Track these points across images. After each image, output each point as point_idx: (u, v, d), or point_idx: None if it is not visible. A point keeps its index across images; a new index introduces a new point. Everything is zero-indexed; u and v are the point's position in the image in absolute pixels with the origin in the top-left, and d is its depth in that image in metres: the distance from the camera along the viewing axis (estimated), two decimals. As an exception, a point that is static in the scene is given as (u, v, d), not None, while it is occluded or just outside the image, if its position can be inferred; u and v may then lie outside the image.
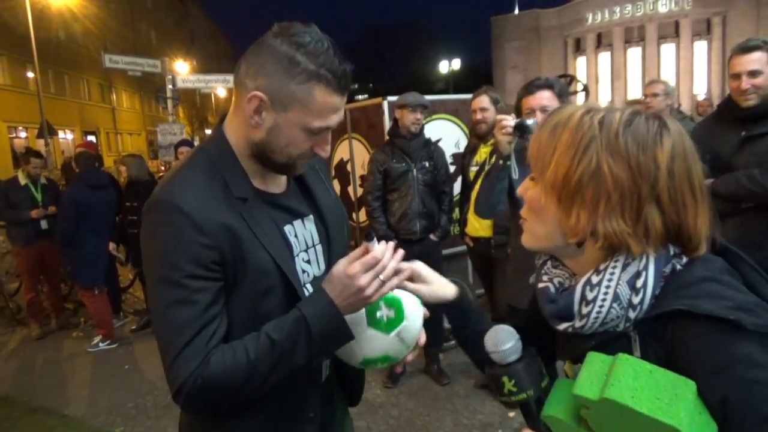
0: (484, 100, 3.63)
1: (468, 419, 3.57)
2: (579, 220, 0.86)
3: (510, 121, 2.42)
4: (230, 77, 13.53)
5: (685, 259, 0.88)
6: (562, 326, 0.92)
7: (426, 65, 60.83)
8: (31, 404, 4.18)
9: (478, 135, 3.72)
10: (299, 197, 1.31)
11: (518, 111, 2.52)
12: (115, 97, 39.49)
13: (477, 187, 3.70)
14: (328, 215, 1.33)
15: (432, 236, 3.91)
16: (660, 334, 0.84)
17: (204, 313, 1.07)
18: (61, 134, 28.51)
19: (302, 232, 1.28)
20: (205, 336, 1.06)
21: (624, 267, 0.86)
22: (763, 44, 2.65)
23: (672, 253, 0.88)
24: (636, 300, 0.85)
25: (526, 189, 0.97)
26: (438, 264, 4.03)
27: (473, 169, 3.76)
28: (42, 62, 22.00)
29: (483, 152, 3.71)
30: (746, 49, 2.59)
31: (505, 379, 0.93)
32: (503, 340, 0.95)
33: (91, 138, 30.93)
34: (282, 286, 1.16)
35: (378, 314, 1.17)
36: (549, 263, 1.02)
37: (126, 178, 5.71)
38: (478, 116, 3.65)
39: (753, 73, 2.54)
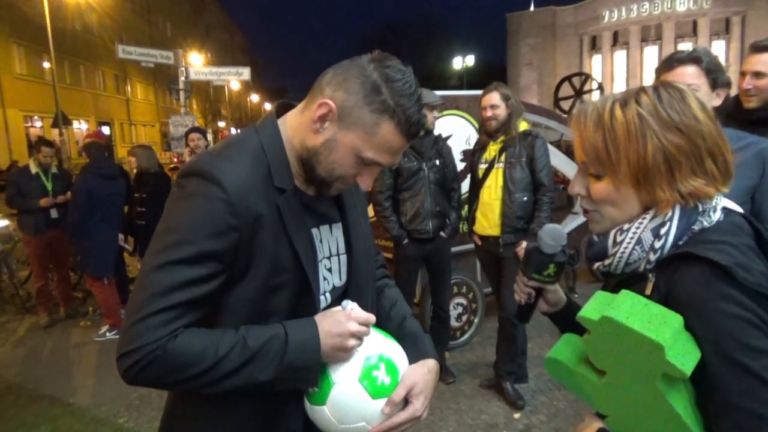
0: (494, 97, 3.56)
1: (472, 419, 3.54)
2: (665, 192, 0.98)
3: None
4: (243, 70, 13.56)
5: (715, 217, 1.00)
6: (596, 265, 1.09)
7: (440, 61, 60.57)
8: (37, 392, 4.20)
9: (487, 132, 3.66)
10: (332, 202, 1.29)
11: None
12: (129, 88, 39.80)
13: (486, 183, 3.66)
14: (353, 225, 1.31)
15: (442, 233, 3.85)
16: (667, 272, 0.97)
17: (194, 287, 1.04)
18: (75, 124, 28.80)
19: (328, 238, 1.26)
20: (184, 310, 1.03)
21: (652, 218, 1.01)
22: None
23: (701, 210, 0.99)
24: (657, 245, 0.99)
25: (584, 186, 1.07)
26: (448, 261, 3.99)
27: (482, 167, 3.70)
28: (58, 52, 22.19)
29: (492, 150, 3.65)
30: (759, 48, 2.44)
31: (552, 265, 1.20)
32: (562, 238, 1.19)
33: (105, 129, 31.20)
34: (296, 286, 1.14)
35: (374, 372, 1.13)
36: None
37: (135, 169, 5.72)
38: (488, 113, 3.58)
39: (757, 74, 2.40)
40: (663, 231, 0.99)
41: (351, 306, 1.13)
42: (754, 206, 2.04)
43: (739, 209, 1.05)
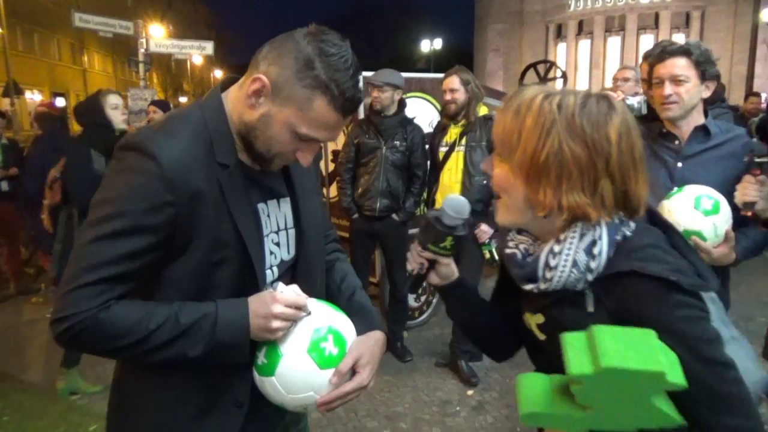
0: (453, 81, 3.61)
1: (428, 396, 3.63)
2: (546, 196, 0.98)
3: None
4: (206, 44, 13.24)
5: (632, 226, 1.03)
6: (529, 287, 1.07)
7: (409, 43, 60.22)
8: (-13, 369, 4.10)
9: (448, 115, 3.72)
10: (280, 177, 1.29)
11: (649, 80, 2.21)
12: (86, 58, 38.28)
13: (446, 166, 3.71)
14: (302, 199, 1.32)
15: (395, 216, 3.91)
16: (613, 290, 0.99)
17: (126, 261, 1.06)
18: (28, 94, 27.58)
19: (275, 213, 1.27)
20: (115, 282, 1.06)
21: (581, 237, 1.00)
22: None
23: (618, 221, 1.02)
24: (593, 265, 0.99)
25: (491, 165, 1.08)
26: (401, 244, 4.01)
27: (443, 150, 3.76)
28: (10, 18, 21.20)
29: (453, 133, 3.71)
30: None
31: (449, 238, 1.16)
32: (465, 211, 1.15)
33: (61, 100, 30.00)
34: (239, 261, 1.15)
35: (322, 344, 1.16)
36: (514, 230, 1.14)
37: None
38: (448, 96, 3.64)
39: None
40: (596, 250, 0.99)
41: (281, 288, 1.14)
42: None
43: None
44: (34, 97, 29.31)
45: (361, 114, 4.03)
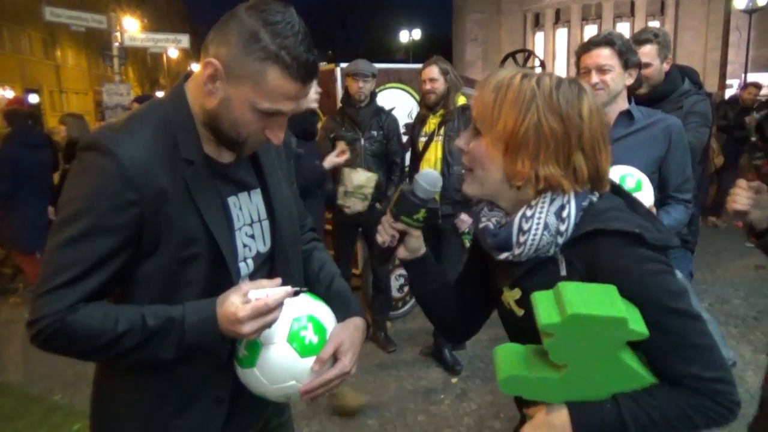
0: (433, 71, 3.61)
1: (412, 385, 3.66)
2: (524, 166, 1.04)
3: None
4: (182, 37, 13.04)
5: (597, 195, 1.09)
6: (503, 255, 1.09)
7: (387, 34, 60.05)
8: (-36, 371, 4.03)
9: (427, 105, 3.72)
10: (249, 168, 1.27)
11: (577, 70, 2.31)
12: (59, 53, 37.50)
13: (425, 156, 3.73)
14: (273, 190, 1.30)
15: (378, 205, 3.91)
16: (581, 252, 1.04)
17: (94, 263, 1.05)
18: (-1, 91, 27.01)
19: (247, 206, 1.25)
20: (84, 284, 1.05)
21: (551, 202, 1.05)
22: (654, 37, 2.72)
23: (587, 189, 1.07)
24: (562, 227, 1.04)
25: (467, 142, 1.11)
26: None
27: (422, 140, 3.77)
28: (-23, 12, 20.66)
29: (432, 123, 3.72)
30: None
31: (423, 210, 1.18)
32: (438, 185, 1.19)
33: (34, 96, 29.40)
34: (210, 257, 1.14)
35: (302, 333, 1.16)
36: (485, 208, 1.18)
37: (66, 139, 5.47)
38: (427, 86, 3.65)
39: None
40: (565, 214, 1.04)
41: (251, 297, 1.08)
42: (660, 175, 2.22)
43: None
44: (5, 93, 28.67)
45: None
